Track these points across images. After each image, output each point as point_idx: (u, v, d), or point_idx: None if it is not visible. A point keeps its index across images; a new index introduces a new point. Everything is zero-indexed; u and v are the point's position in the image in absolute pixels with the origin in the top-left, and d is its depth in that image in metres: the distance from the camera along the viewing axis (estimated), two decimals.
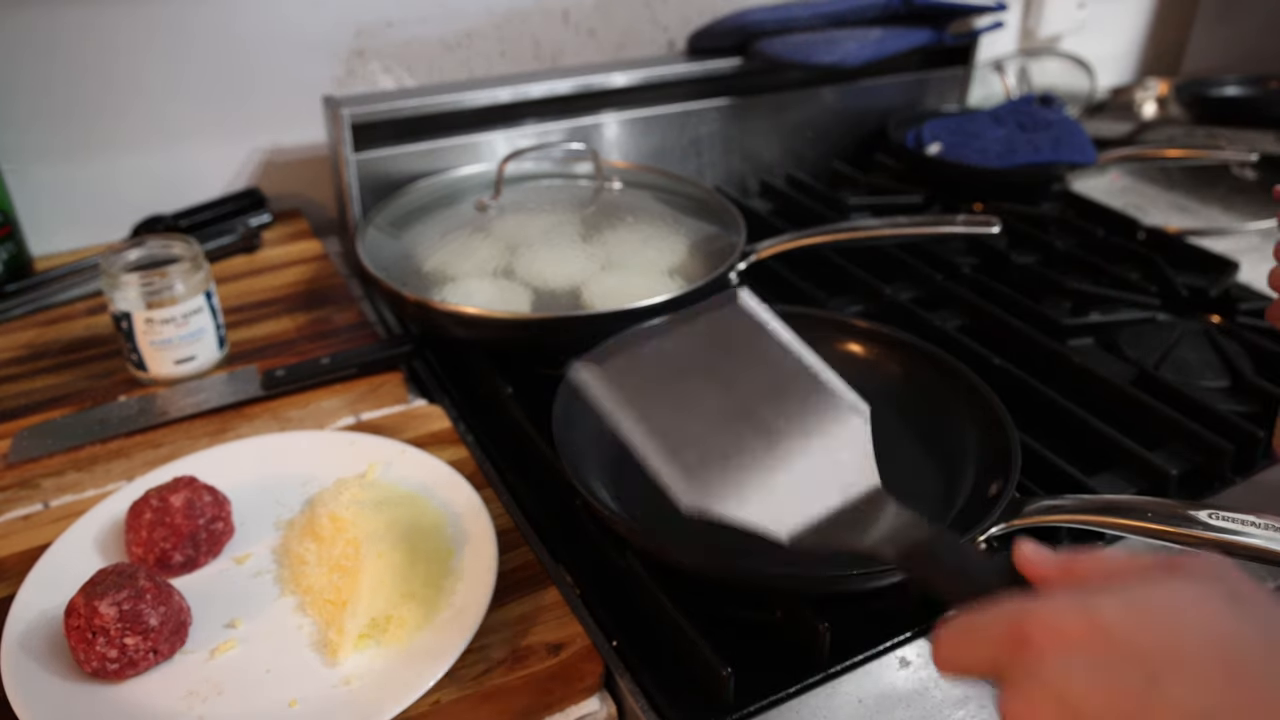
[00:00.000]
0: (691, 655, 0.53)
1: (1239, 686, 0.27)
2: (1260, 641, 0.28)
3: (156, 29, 0.96)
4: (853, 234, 0.89)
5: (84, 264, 0.95)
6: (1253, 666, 0.27)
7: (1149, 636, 0.28)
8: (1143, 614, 0.29)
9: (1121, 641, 0.28)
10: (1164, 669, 0.28)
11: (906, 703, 0.54)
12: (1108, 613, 0.29)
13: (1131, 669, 0.28)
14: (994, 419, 0.64)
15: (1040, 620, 0.30)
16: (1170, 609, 0.29)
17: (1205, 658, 0.28)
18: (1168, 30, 1.66)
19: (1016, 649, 0.30)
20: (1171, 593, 0.30)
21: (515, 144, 1.03)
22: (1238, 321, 0.93)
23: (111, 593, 0.51)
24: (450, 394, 0.81)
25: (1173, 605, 0.29)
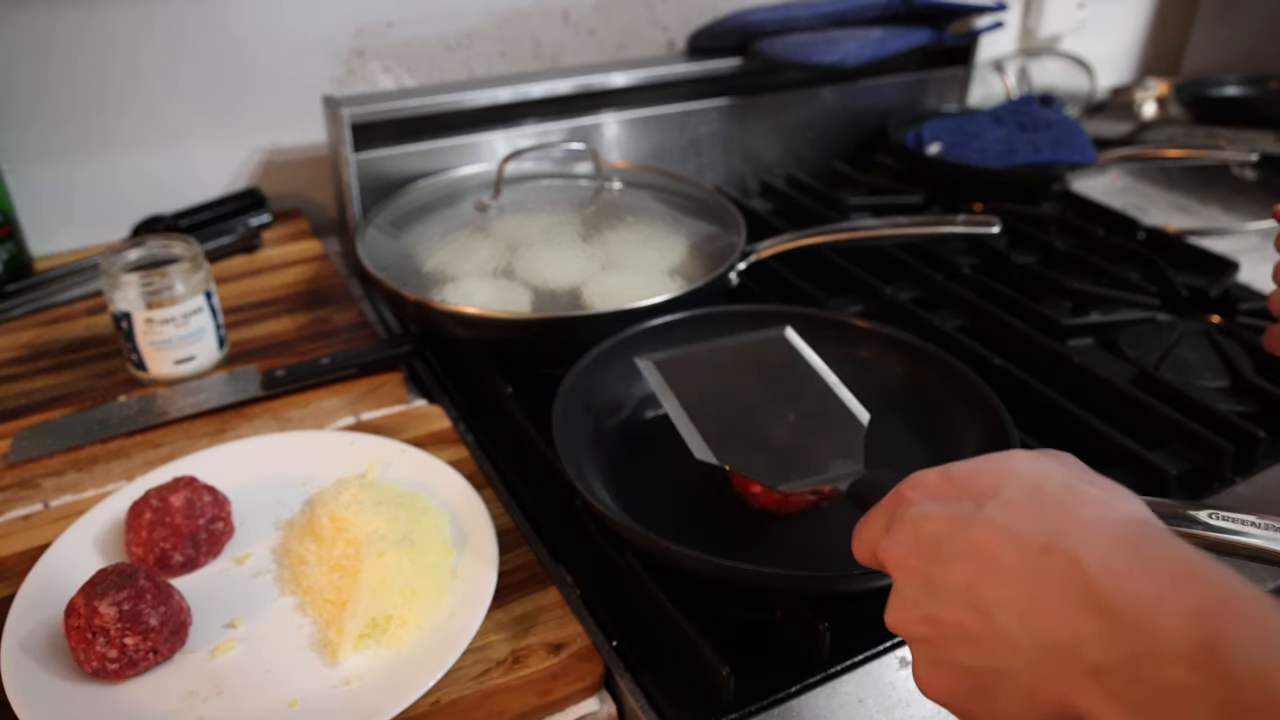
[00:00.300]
0: (691, 655, 0.53)
1: (1038, 507, 0.35)
2: (1060, 479, 0.36)
3: (156, 29, 0.96)
4: (853, 234, 0.89)
5: (84, 264, 0.95)
6: (1050, 494, 0.35)
7: (982, 479, 0.37)
8: (981, 465, 0.38)
9: (961, 483, 0.38)
10: (987, 498, 0.36)
11: (906, 703, 0.54)
12: (956, 468, 0.39)
13: (966, 502, 0.37)
14: (994, 419, 0.64)
15: (911, 481, 0.40)
16: (1002, 460, 0.38)
17: (1018, 488, 0.36)
18: (1168, 30, 1.66)
19: (895, 504, 0.40)
20: (1007, 454, 0.39)
21: (515, 144, 1.03)
22: (1238, 321, 0.93)
23: (111, 593, 0.51)
24: (450, 394, 0.81)
25: (1005, 459, 0.38)
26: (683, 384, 0.62)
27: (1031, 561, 0.33)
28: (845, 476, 0.52)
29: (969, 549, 0.35)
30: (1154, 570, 0.31)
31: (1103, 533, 0.33)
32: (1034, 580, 0.33)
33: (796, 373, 0.64)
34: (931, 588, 0.36)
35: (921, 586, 0.36)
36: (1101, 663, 0.30)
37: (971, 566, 0.35)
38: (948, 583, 0.35)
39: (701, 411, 0.60)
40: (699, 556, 0.53)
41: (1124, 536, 0.33)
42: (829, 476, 0.55)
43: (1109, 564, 0.31)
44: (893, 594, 0.38)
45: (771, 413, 0.61)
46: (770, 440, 0.59)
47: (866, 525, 0.42)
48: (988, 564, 0.34)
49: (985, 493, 0.36)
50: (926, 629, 0.36)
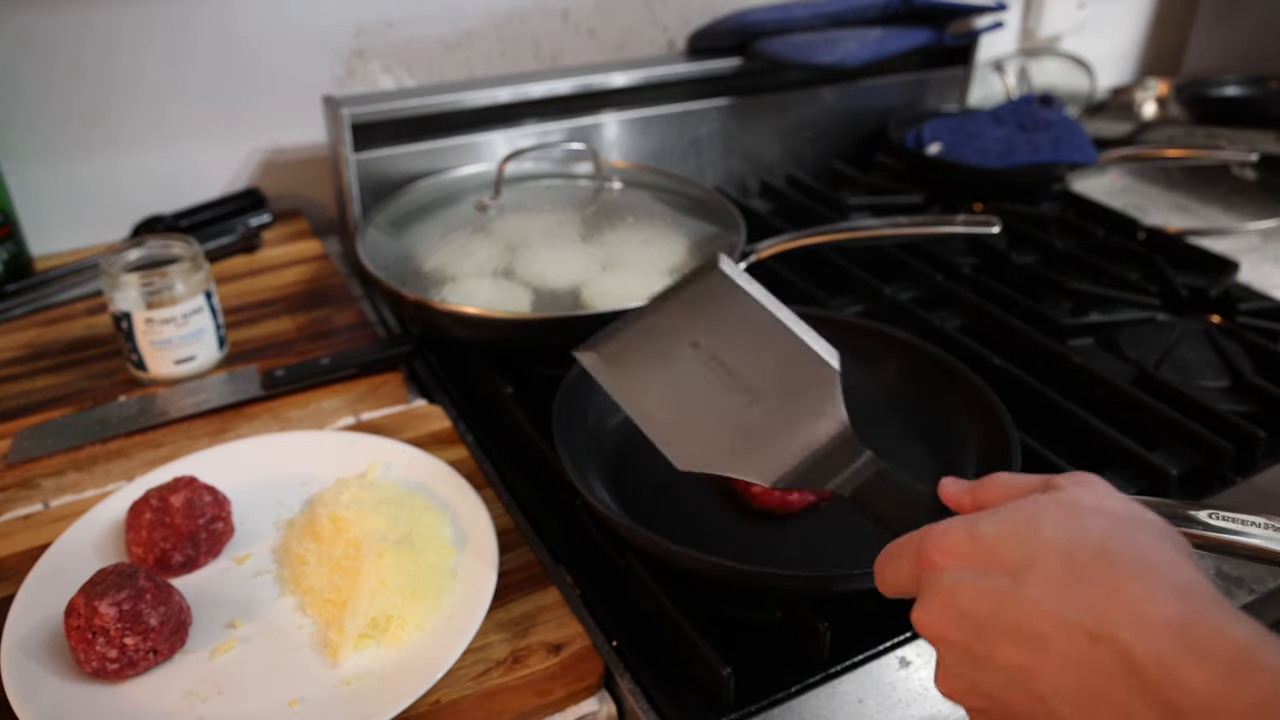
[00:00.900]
0: (691, 655, 0.53)
1: (1077, 582, 0.34)
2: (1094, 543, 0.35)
3: (156, 29, 0.96)
4: (853, 234, 0.89)
5: (84, 264, 0.95)
6: (1087, 566, 0.34)
7: (1012, 549, 0.36)
8: (1009, 529, 0.37)
9: (989, 550, 0.36)
10: (1022, 572, 0.35)
11: (906, 703, 0.54)
12: (984, 529, 0.37)
13: (1000, 575, 0.35)
14: (994, 419, 0.64)
15: (935, 542, 0.38)
16: (1030, 524, 0.36)
17: (1052, 559, 0.35)
18: (1168, 30, 1.66)
19: (922, 567, 0.38)
20: (1033, 507, 0.37)
21: (515, 144, 1.03)
22: (1238, 321, 0.92)
23: (111, 593, 0.51)
24: (450, 394, 0.81)
25: (1032, 521, 0.36)
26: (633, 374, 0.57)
27: (1082, 651, 0.32)
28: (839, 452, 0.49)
29: (1013, 631, 0.34)
30: (1209, 662, 0.30)
31: (1151, 617, 0.32)
32: (1087, 672, 0.32)
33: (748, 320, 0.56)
34: (979, 665, 0.35)
35: (968, 663, 0.36)
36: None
37: (1019, 650, 0.34)
38: (996, 663, 0.34)
39: (664, 406, 0.55)
40: (699, 556, 0.53)
41: (1173, 622, 0.32)
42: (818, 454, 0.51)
43: (1163, 656, 0.31)
44: (939, 664, 0.37)
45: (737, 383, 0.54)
46: (743, 421, 0.53)
47: (890, 570, 0.41)
48: (1036, 649, 0.33)
49: (1019, 566, 0.35)
50: (981, 701, 0.36)
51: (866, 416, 0.67)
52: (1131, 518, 0.36)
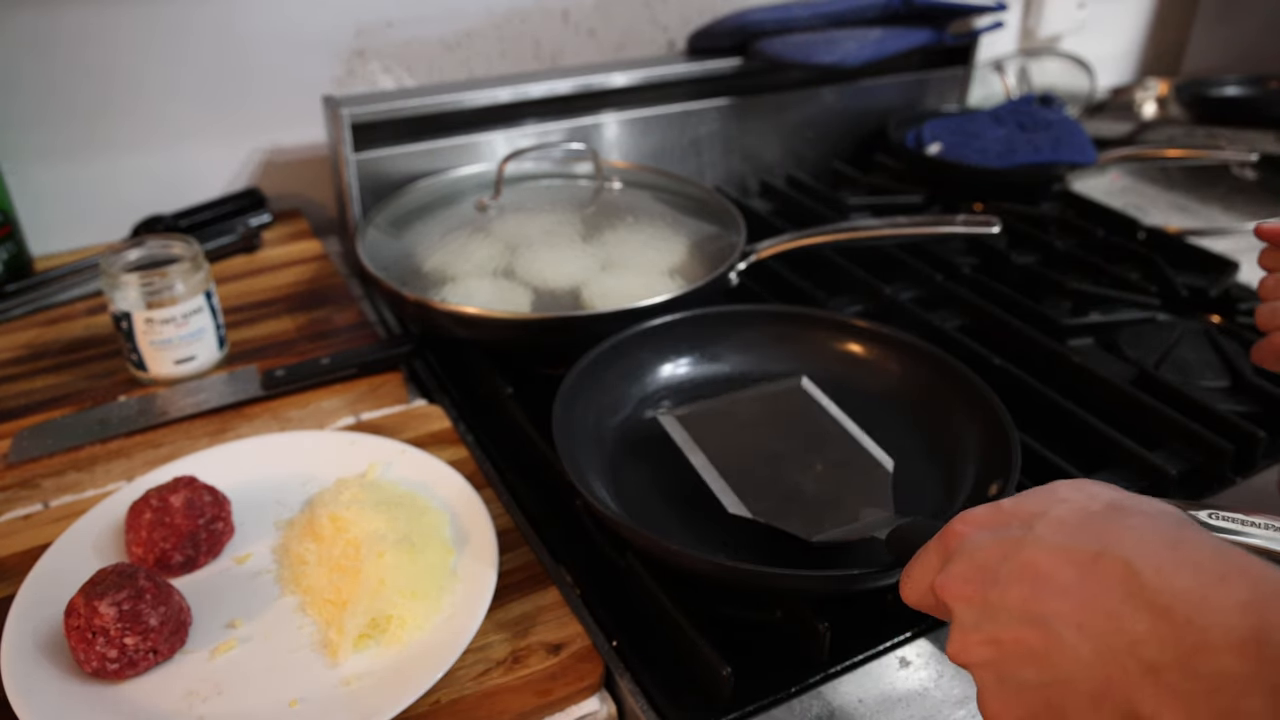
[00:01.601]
0: (691, 655, 0.53)
1: (1086, 521, 0.36)
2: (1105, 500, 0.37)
3: (157, 29, 0.96)
4: (853, 234, 0.89)
5: (84, 264, 0.95)
6: (1097, 512, 0.37)
7: (1030, 505, 0.39)
8: (1028, 494, 0.40)
9: (1010, 511, 0.39)
10: (1037, 520, 0.37)
11: (906, 703, 0.54)
12: (1005, 500, 0.41)
13: (1016, 526, 0.38)
14: (994, 419, 0.64)
15: (960, 517, 0.41)
16: (1048, 489, 0.40)
17: (1065, 509, 0.37)
18: (1168, 30, 1.66)
19: (946, 542, 0.41)
20: (1052, 483, 0.40)
21: (515, 144, 1.03)
22: (1238, 321, 0.93)
23: (111, 593, 0.51)
24: (450, 394, 0.81)
25: (1050, 488, 0.40)
26: (706, 436, 0.64)
27: (1085, 570, 0.34)
28: (880, 525, 0.52)
29: (1023, 568, 0.36)
30: (1202, 568, 0.32)
31: (1150, 538, 0.34)
32: (1089, 587, 0.34)
33: (817, 422, 0.66)
34: (990, 611, 0.37)
35: (980, 612, 0.37)
36: (1157, 660, 0.31)
37: (1027, 585, 0.35)
38: (1006, 604, 0.36)
39: (728, 464, 0.62)
40: (699, 556, 0.53)
41: (1171, 540, 0.34)
42: (862, 525, 0.56)
43: (1159, 564, 0.33)
44: (953, 626, 0.39)
45: (797, 462, 0.62)
46: (799, 490, 0.60)
47: (917, 565, 0.43)
48: (1043, 579, 0.35)
49: (1034, 515, 0.38)
50: (989, 651, 0.36)
51: (867, 416, 0.67)
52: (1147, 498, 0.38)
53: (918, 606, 0.43)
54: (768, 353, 0.77)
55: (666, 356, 0.76)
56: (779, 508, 0.59)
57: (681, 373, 0.76)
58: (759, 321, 0.78)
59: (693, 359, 0.76)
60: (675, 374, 0.76)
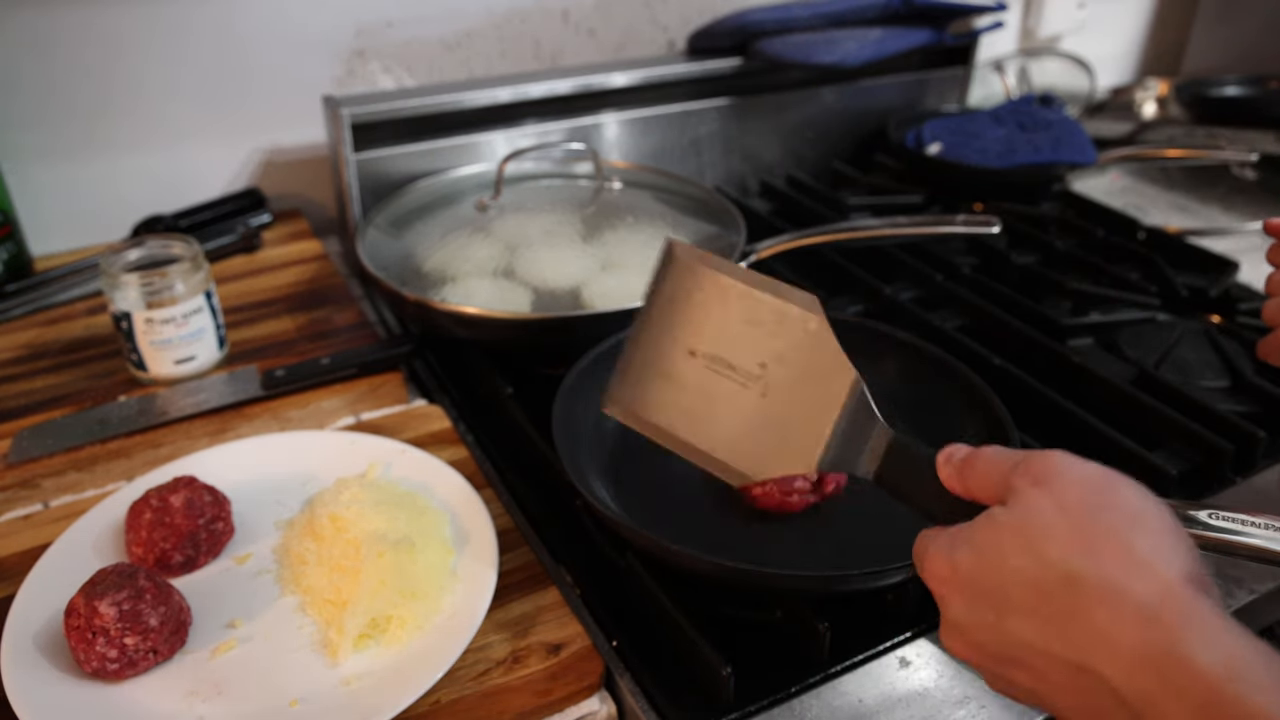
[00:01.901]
0: (691, 655, 0.53)
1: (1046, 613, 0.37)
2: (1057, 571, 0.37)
3: (157, 29, 0.96)
4: (853, 234, 0.89)
5: (84, 264, 0.95)
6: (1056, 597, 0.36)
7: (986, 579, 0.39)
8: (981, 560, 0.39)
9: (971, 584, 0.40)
10: (1001, 607, 0.38)
11: (906, 703, 0.54)
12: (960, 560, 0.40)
13: (985, 608, 0.39)
14: (994, 419, 0.64)
15: (926, 569, 0.42)
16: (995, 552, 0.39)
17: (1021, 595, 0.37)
18: (1168, 30, 1.66)
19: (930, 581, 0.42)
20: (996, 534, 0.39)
21: (515, 144, 1.03)
22: (1238, 321, 0.92)
23: (111, 593, 0.51)
24: (450, 394, 0.81)
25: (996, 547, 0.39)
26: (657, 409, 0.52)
27: (1073, 681, 0.36)
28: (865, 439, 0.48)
29: (1013, 661, 0.38)
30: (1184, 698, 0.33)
31: (1122, 650, 0.35)
32: (1083, 697, 0.36)
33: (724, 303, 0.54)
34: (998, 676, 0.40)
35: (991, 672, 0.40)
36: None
37: (1026, 675, 0.38)
38: (1015, 683, 0.39)
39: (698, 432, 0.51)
40: (699, 556, 0.53)
41: (1145, 657, 0.34)
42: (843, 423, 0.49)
43: (1144, 690, 0.34)
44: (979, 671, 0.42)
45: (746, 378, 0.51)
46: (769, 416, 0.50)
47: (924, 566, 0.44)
48: (1038, 676, 0.38)
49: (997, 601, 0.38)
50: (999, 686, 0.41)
51: None
52: (1091, 513, 0.38)
53: None
54: None
55: None
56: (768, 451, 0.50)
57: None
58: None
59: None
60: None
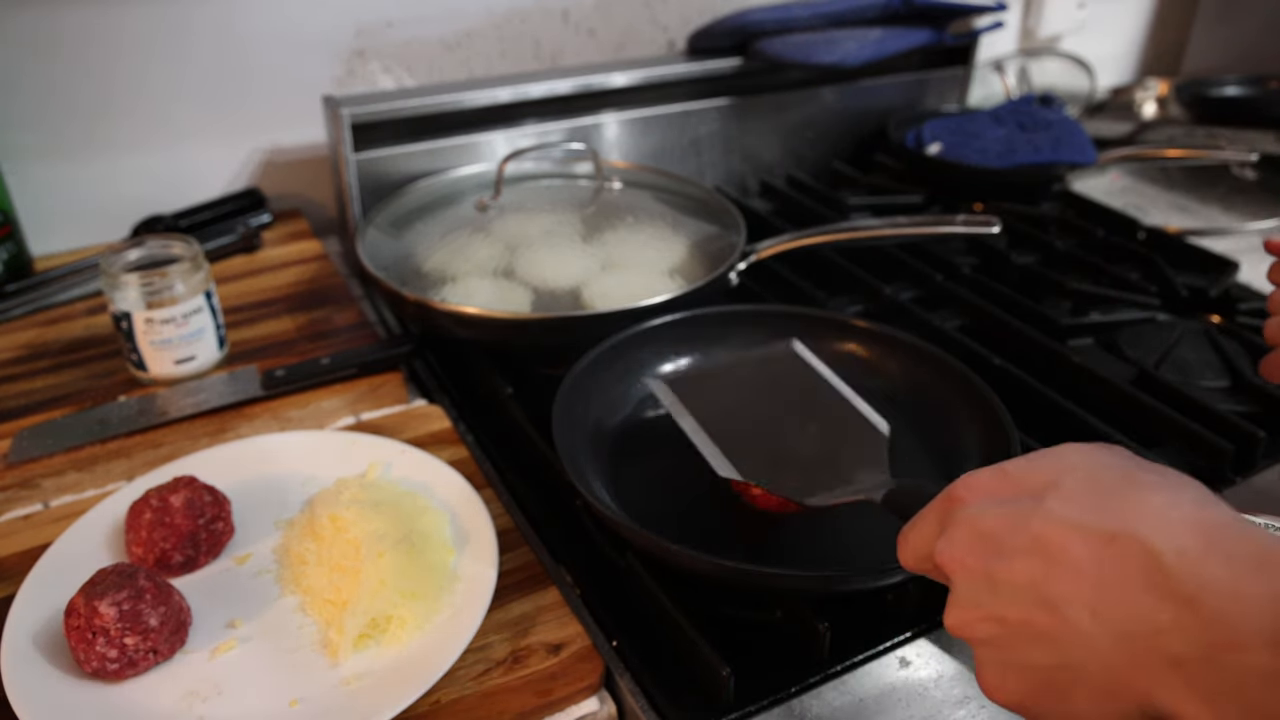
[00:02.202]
0: (691, 655, 0.53)
1: (1100, 496, 0.34)
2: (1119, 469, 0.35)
3: (157, 29, 0.96)
4: (853, 234, 0.89)
5: (84, 264, 0.95)
6: (1111, 484, 0.34)
7: (1038, 473, 0.36)
8: (1036, 460, 0.37)
9: (1017, 479, 0.37)
10: (1047, 491, 0.35)
11: (906, 703, 0.54)
12: (1010, 465, 0.38)
13: (1025, 497, 0.36)
14: (994, 419, 0.64)
15: (963, 481, 0.39)
16: (1056, 454, 0.37)
17: (1076, 480, 0.35)
18: (1168, 30, 1.66)
19: (947, 506, 0.39)
20: (1061, 447, 0.38)
21: (515, 144, 1.03)
22: (1238, 321, 0.92)
23: (111, 593, 0.51)
24: (450, 394, 0.81)
25: (1059, 453, 0.37)
26: (696, 402, 0.62)
27: (1099, 552, 0.32)
28: (877, 487, 0.51)
29: (1032, 544, 0.34)
30: (1233, 557, 0.30)
31: (1173, 519, 0.32)
32: (1104, 571, 0.32)
33: (810, 385, 0.64)
34: (994, 586, 0.35)
35: (983, 586, 0.35)
36: (1181, 653, 0.30)
37: (1036, 561, 0.33)
38: (1012, 580, 0.34)
39: (719, 428, 0.60)
40: (699, 556, 0.53)
41: (1196, 522, 0.32)
42: (858, 487, 0.53)
43: (1183, 550, 0.31)
44: (951, 596, 0.37)
45: (790, 426, 0.61)
46: (792, 454, 0.59)
47: (915, 529, 0.41)
48: (1053, 558, 0.33)
49: (1043, 486, 0.35)
50: (992, 629, 0.35)
51: None
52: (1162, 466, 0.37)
53: (915, 570, 0.41)
54: None
55: (666, 356, 0.76)
56: (771, 471, 0.57)
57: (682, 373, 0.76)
58: (759, 321, 0.78)
59: (693, 359, 0.76)
60: (675, 374, 0.76)
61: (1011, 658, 0.34)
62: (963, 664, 0.56)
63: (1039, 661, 0.33)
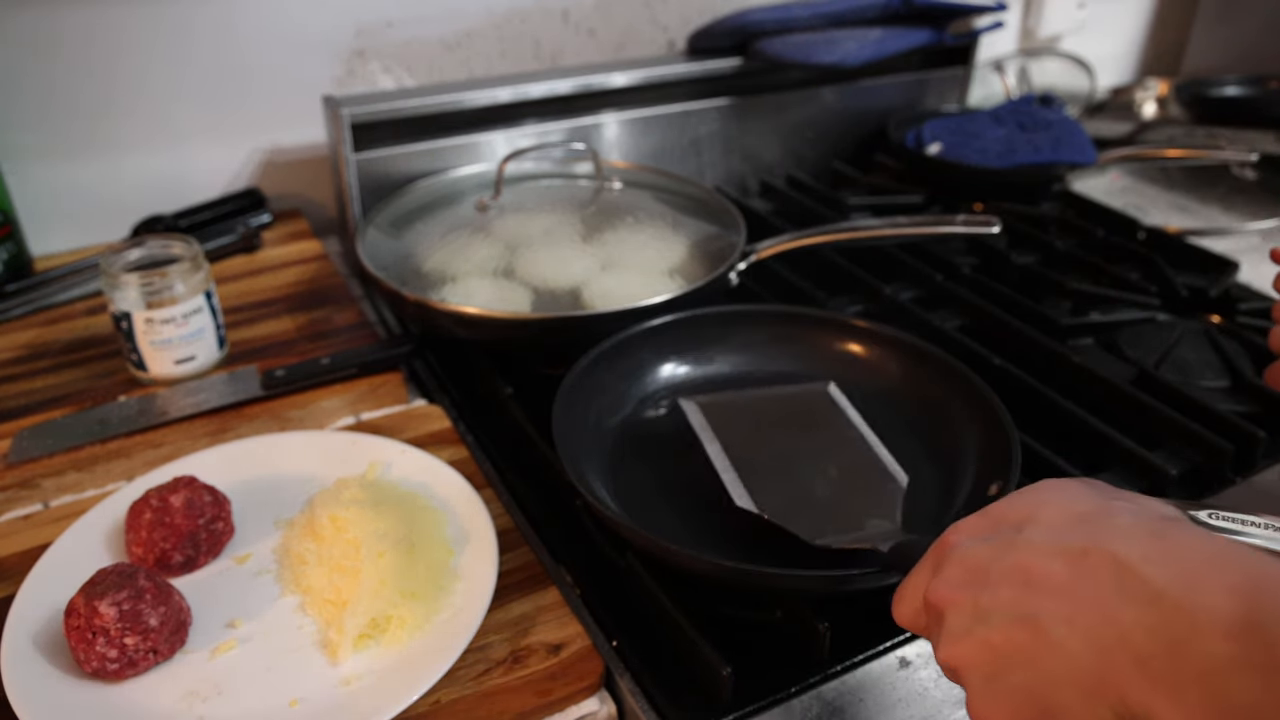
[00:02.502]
0: (691, 655, 0.53)
1: (1074, 523, 0.36)
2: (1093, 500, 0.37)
3: (158, 29, 0.96)
4: (853, 234, 0.89)
5: (84, 264, 0.95)
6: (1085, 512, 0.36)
7: (1018, 509, 0.39)
8: (1015, 498, 0.40)
9: (998, 516, 0.39)
10: (1025, 524, 0.37)
11: (906, 703, 0.54)
12: (993, 506, 0.40)
13: (1007, 529, 0.38)
14: (994, 419, 0.64)
15: (952, 528, 0.41)
16: (1034, 490, 0.40)
17: (1053, 511, 0.37)
18: (1168, 30, 1.66)
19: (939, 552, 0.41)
20: (1038, 484, 0.40)
21: (515, 144, 1.03)
22: (1238, 321, 0.92)
23: (111, 593, 0.51)
24: (450, 394, 0.81)
25: (1035, 489, 0.40)
26: (724, 427, 0.64)
27: (1075, 567, 0.34)
28: (883, 538, 0.52)
29: (1013, 569, 0.36)
30: (1188, 555, 0.32)
31: (1137, 532, 0.34)
32: (1079, 583, 0.34)
33: (837, 428, 0.66)
34: (981, 614, 0.36)
35: (972, 615, 0.37)
36: (1144, 649, 0.31)
37: (1017, 585, 0.35)
38: (996, 605, 0.36)
39: (741, 457, 0.62)
40: (699, 556, 0.53)
41: (1157, 531, 0.34)
42: (866, 535, 0.55)
43: (1146, 554, 0.33)
44: (942, 632, 0.38)
45: (810, 465, 0.62)
46: (808, 492, 0.60)
47: (912, 580, 0.42)
48: (1032, 580, 0.35)
49: (1022, 520, 0.38)
50: (979, 656, 0.36)
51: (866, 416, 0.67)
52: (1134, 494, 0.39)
53: (909, 625, 0.42)
54: (768, 353, 0.77)
55: (666, 356, 0.76)
56: (786, 507, 0.58)
57: (681, 373, 0.76)
58: (759, 321, 0.78)
59: (693, 359, 0.76)
60: (675, 374, 0.76)
61: (999, 683, 0.35)
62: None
63: (1023, 681, 0.34)
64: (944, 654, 0.38)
